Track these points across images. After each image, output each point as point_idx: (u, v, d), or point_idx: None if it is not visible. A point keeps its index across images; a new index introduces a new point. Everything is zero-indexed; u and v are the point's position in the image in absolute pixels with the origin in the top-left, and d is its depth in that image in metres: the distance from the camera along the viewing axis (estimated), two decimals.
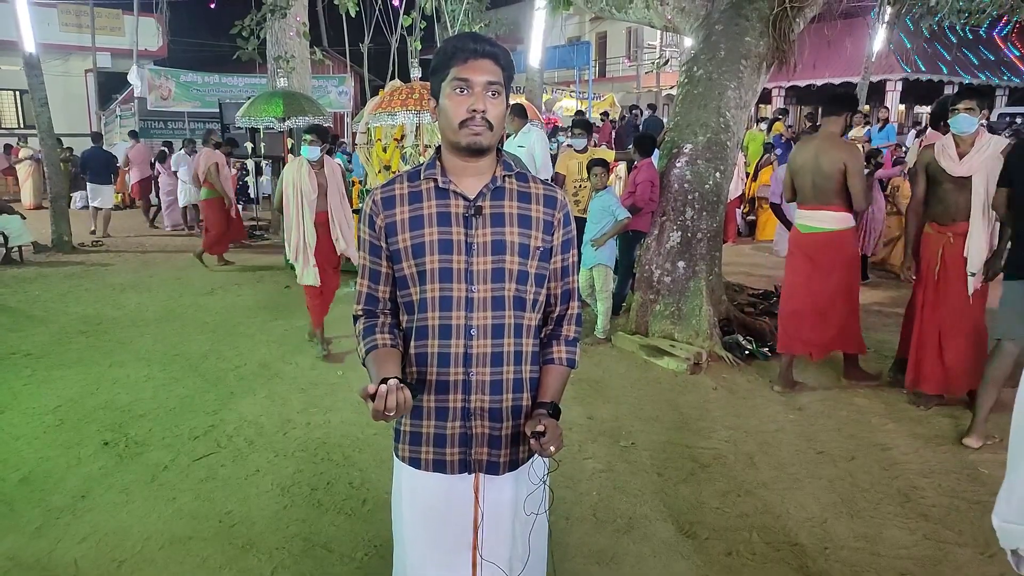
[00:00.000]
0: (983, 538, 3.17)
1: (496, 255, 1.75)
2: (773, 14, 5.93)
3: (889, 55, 18.49)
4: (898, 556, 3.06)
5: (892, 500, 3.51)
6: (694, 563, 3.02)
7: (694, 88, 6.13)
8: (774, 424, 4.43)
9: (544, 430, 1.67)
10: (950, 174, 4.31)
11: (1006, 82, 20.36)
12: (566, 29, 29.65)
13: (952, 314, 4.41)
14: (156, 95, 18.70)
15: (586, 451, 4.06)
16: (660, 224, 6.02)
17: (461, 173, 1.77)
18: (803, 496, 3.56)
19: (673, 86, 16.89)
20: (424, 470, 1.83)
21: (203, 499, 3.56)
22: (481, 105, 1.67)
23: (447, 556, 1.84)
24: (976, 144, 4.25)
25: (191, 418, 4.55)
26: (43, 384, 5.18)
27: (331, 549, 3.13)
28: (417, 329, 1.80)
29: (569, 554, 3.07)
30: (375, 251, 1.82)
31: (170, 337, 6.31)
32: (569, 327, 1.91)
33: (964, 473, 3.77)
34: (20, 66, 10.80)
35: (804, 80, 20.06)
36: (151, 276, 9.05)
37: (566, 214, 1.86)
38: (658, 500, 3.53)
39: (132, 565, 3.03)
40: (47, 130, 10.75)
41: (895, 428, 4.32)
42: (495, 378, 1.78)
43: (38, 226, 11.19)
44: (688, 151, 5.99)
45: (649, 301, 5.96)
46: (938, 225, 4.47)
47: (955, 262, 4.38)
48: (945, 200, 4.39)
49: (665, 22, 6.97)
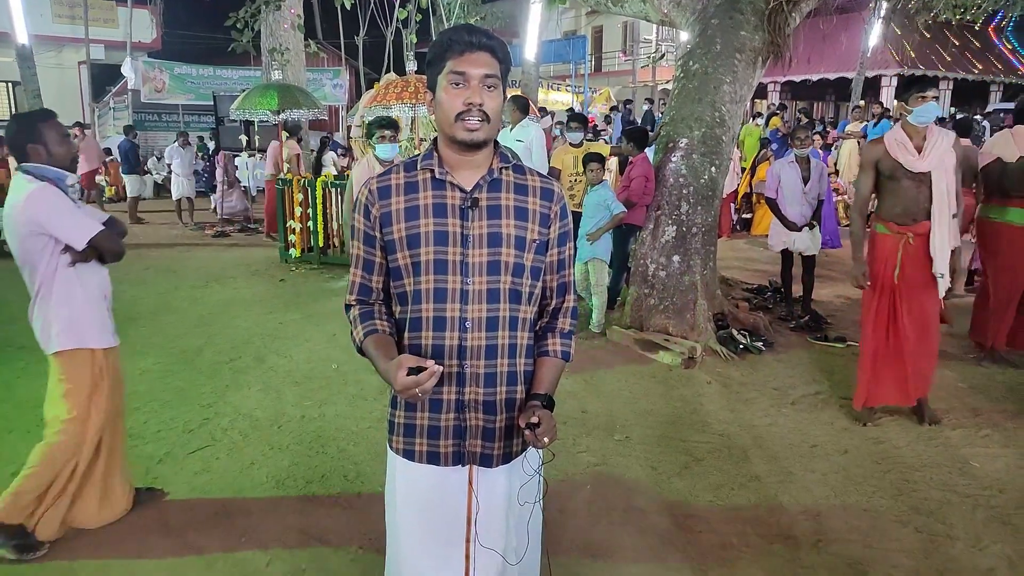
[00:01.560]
0: (974, 531, 3.20)
1: (492, 247, 1.75)
2: (769, 8, 5.93)
3: (884, 50, 18.51)
4: (890, 549, 3.08)
5: (884, 493, 3.53)
6: (688, 556, 3.04)
7: (689, 82, 6.13)
8: (768, 418, 4.44)
9: (538, 421, 1.68)
10: (909, 169, 4.03)
11: (1000, 78, 20.39)
12: (562, 23, 29.58)
13: (918, 318, 4.17)
14: (150, 87, 18.62)
15: (580, 444, 4.07)
16: (655, 218, 6.03)
17: (458, 165, 1.77)
18: (796, 489, 3.58)
19: (669, 80, 16.88)
20: (418, 462, 1.83)
21: (198, 492, 3.56)
22: (478, 98, 1.66)
23: (440, 548, 1.85)
24: (929, 138, 4.01)
25: (186, 411, 4.54)
26: (37, 377, 5.12)
27: (326, 541, 3.13)
28: (411, 320, 1.79)
29: (564, 547, 3.08)
30: (369, 241, 1.82)
31: (165, 330, 6.30)
32: (565, 320, 1.92)
33: (956, 467, 3.79)
34: (13, 57, 10.74)
35: (799, 75, 20.06)
36: (145, 269, 9.02)
37: (563, 207, 1.86)
38: (652, 493, 3.54)
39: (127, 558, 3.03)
40: None
41: (888, 422, 4.34)
42: (489, 371, 1.78)
43: None
44: (683, 145, 5.99)
45: (644, 295, 5.97)
46: (896, 225, 4.15)
47: (916, 264, 4.11)
48: (904, 198, 4.10)
49: (661, 16, 6.97)
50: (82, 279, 2.99)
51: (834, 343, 5.78)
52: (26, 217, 2.82)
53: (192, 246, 10.85)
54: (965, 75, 19.72)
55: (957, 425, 4.29)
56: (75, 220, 2.89)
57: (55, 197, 2.86)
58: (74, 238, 2.87)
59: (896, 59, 18.81)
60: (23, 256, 2.92)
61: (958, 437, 4.15)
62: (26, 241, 2.87)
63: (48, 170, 2.91)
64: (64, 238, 2.87)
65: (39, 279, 2.93)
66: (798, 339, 5.97)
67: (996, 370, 5.20)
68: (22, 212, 2.82)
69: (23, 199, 2.82)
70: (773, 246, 6.66)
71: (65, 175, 2.97)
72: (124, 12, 20.54)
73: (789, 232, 6.38)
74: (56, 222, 2.84)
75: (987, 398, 4.71)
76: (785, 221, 6.38)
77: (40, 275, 2.92)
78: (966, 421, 4.36)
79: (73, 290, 2.96)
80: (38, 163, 2.91)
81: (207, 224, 12.76)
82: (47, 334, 2.97)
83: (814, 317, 6.34)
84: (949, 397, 4.67)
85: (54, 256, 2.90)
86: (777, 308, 6.78)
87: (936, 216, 4.04)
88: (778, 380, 5.08)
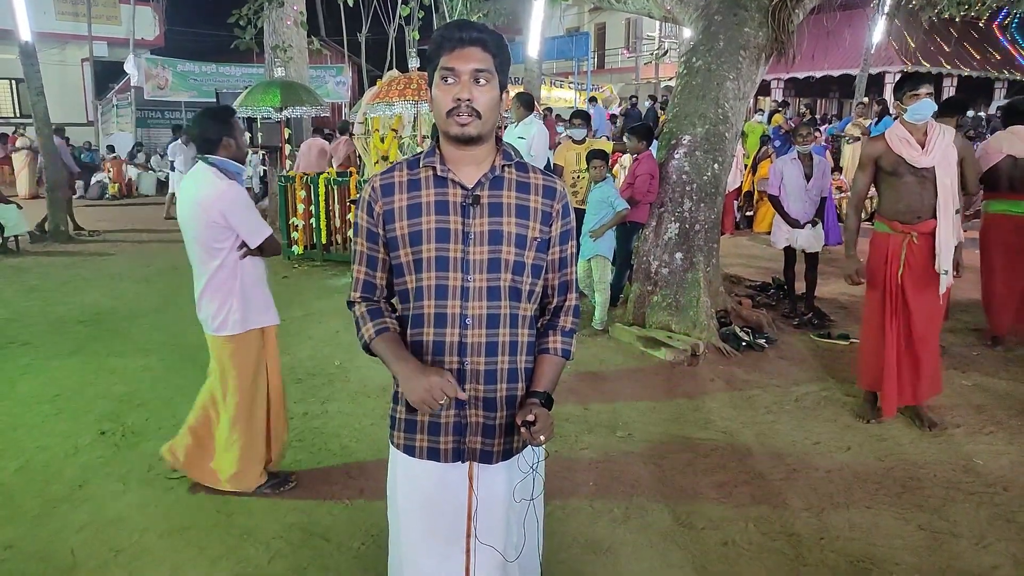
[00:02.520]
0: (978, 529, 3.19)
1: (493, 245, 1.75)
2: (772, 5, 5.91)
3: (888, 47, 18.44)
4: (894, 546, 3.07)
5: (888, 491, 3.52)
6: (690, 553, 3.03)
7: (692, 79, 6.11)
8: (771, 415, 4.44)
9: (535, 419, 1.68)
10: (913, 165, 3.97)
11: (1005, 74, 20.32)
12: (565, 20, 29.52)
13: (924, 318, 4.12)
14: (153, 84, 18.64)
15: (583, 441, 4.07)
16: (658, 215, 6.02)
17: (459, 162, 1.77)
18: (799, 486, 3.57)
19: (672, 77, 16.84)
20: (418, 458, 1.84)
21: (201, 488, 3.56)
22: (466, 94, 1.66)
23: (441, 544, 1.85)
24: (930, 133, 3.97)
25: (188, 408, 4.51)
26: (41, 374, 5.17)
27: (328, 538, 3.13)
28: (413, 317, 1.80)
29: (565, 544, 3.08)
30: (372, 238, 1.82)
31: (168, 327, 6.30)
32: (566, 318, 1.91)
33: (960, 464, 3.78)
34: (16, 55, 10.75)
35: (803, 72, 20.01)
36: (148, 266, 9.04)
37: (565, 205, 1.86)
38: (654, 490, 3.54)
39: (130, 554, 3.03)
40: (43, 119, 10.71)
41: (891, 419, 4.32)
42: (490, 367, 1.78)
43: (36, 216, 11.16)
44: (687, 142, 5.98)
45: (647, 292, 5.97)
46: (900, 224, 4.08)
47: (921, 263, 4.05)
48: (907, 196, 4.04)
49: (664, 12, 6.95)
50: (253, 267, 3.31)
51: (837, 340, 5.77)
52: (217, 210, 3.09)
53: None
54: (969, 72, 19.65)
55: (961, 422, 4.28)
56: (257, 222, 3.23)
57: (243, 197, 3.20)
58: (252, 237, 3.20)
59: (900, 56, 18.75)
60: (204, 243, 3.17)
61: (962, 434, 4.14)
62: (209, 230, 3.13)
63: (230, 164, 3.21)
64: (244, 235, 3.18)
65: (217, 266, 3.20)
66: (801, 336, 5.96)
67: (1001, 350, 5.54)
68: (213, 204, 3.09)
69: (215, 194, 3.10)
70: (776, 243, 6.65)
71: (242, 169, 3.33)
72: (127, 9, 20.59)
73: (792, 229, 6.37)
74: (241, 220, 3.15)
75: (991, 395, 4.69)
76: (788, 218, 6.36)
77: (220, 263, 3.20)
78: (970, 418, 4.34)
79: (246, 277, 3.27)
80: (226, 156, 3.20)
81: None
82: (220, 318, 3.25)
83: (817, 314, 6.33)
84: (953, 394, 4.66)
85: (233, 248, 3.19)
86: (780, 305, 6.77)
87: (940, 212, 4.00)
88: (781, 377, 5.07)
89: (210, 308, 3.25)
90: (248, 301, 3.26)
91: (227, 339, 3.27)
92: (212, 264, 3.19)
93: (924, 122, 3.99)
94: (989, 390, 4.78)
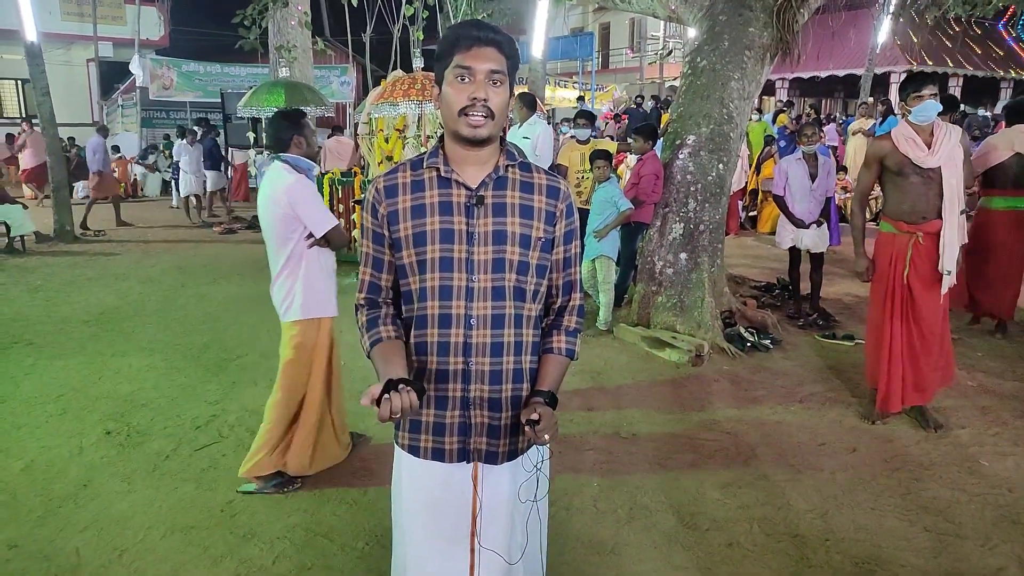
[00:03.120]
0: (984, 530, 3.18)
1: (497, 245, 1.74)
2: (777, 4, 5.90)
3: (893, 46, 18.39)
4: (899, 548, 3.06)
5: (893, 492, 3.51)
6: (695, 554, 3.03)
7: (697, 79, 6.10)
8: (775, 416, 4.43)
9: (539, 418, 1.67)
10: (920, 166, 3.95)
11: (1011, 74, 20.24)
12: (569, 20, 29.55)
13: (929, 318, 4.10)
14: (158, 85, 18.67)
15: (587, 442, 4.06)
16: (663, 216, 6.01)
17: (463, 162, 1.76)
18: (804, 487, 3.56)
19: (676, 77, 16.82)
20: (423, 458, 1.83)
21: (205, 488, 3.56)
22: (482, 93, 1.66)
23: (445, 544, 1.84)
24: (936, 134, 3.95)
25: (193, 407, 4.56)
26: (45, 373, 5.19)
27: (332, 538, 3.14)
28: (417, 318, 1.79)
29: (570, 544, 3.07)
30: (378, 239, 1.82)
31: (172, 327, 6.32)
32: (570, 318, 1.91)
33: (965, 466, 3.77)
34: (22, 55, 10.78)
35: (808, 72, 19.95)
36: (153, 266, 9.05)
37: (569, 205, 1.85)
38: (659, 491, 3.53)
39: (134, 554, 3.04)
40: (49, 119, 10.74)
41: (896, 420, 4.31)
42: (495, 368, 1.78)
43: (40, 216, 11.19)
44: (691, 142, 5.97)
45: (651, 293, 5.96)
46: (906, 224, 4.07)
47: (927, 264, 4.03)
48: (913, 196, 4.02)
49: (669, 12, 6.94)
50: (321, 258, 3.47)
51: (842, 341, 5.76)
52: (286, 201, 3.28)
53: (200, 243, 10.90)
54: (975, 71, 19.57)
55: (966, 424, 4.27)
56: (322, 212, 3.38)
57: (310, 190, 3.38)
58: (317, 227, 3.34)
59: (905, 55, 18.69)
60: (277, 235, 3.35)
61: (967, 436, 4.12)
62: (282, 222, 3.32)
63: (302, 161, 3.44)
64: (310, 225, 3.34)
65: (287, 255, 3.37)
66: (806, 337, 5.95)
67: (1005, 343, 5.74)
68: (282, 196, 3.29)
69: (284, 186, 3.29)
70: (781, 243, 6.64)
71: (314, 166, 3.53)
72: (132, 10, 20.61)
73: (797, 229, 6.35)
74: (307, 210, 3.32)
75: (996, 397, 4.68)
76: (792, 218, 6.35)
77: (289, 252, 3.36)
78: (975, 420, 4.33)
79: (315, 266, 3.44)
80: (298, 154, 3.44)
81: (215, 221, 12.82)
82: (287, 304, 3.44)
83: (822, 315, 6.31)
84: (958, 396, 4.64)
85: (302, 238, 3.36)
86: (785, 306, 6.75)
87: (946, 212, 3.98)
88: (786, 378, 5.06)
89: (279, 295, 3.45)
90: (310, 289, 3.42)
91: (292, 324, 3.47)
92: (283, 253, 3.38)
93: (930, 123, 3.97)
94: (994, 391, 4.76)
